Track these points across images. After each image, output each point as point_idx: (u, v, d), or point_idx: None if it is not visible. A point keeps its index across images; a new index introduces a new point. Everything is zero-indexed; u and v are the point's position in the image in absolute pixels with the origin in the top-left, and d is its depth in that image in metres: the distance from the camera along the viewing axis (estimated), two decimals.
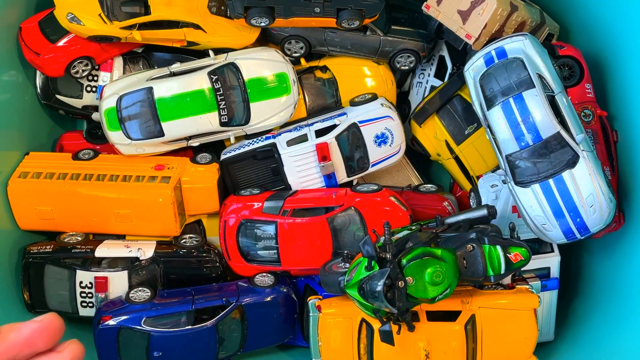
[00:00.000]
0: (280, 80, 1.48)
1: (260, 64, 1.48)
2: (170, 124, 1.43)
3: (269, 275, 1.48)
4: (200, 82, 1.44)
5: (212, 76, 1.43)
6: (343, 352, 1.32)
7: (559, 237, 1.33)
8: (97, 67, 1.55)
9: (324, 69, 1.62)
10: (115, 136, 1.47)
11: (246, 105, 1.45)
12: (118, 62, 1.57)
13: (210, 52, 1.48)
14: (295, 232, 1.43)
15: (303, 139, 1.53)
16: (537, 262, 1.46)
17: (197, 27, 1.46)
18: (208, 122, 1.44)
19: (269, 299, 1.44)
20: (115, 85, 1.49)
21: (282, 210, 1.44)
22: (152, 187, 1.46)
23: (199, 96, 1.43)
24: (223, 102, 1.43)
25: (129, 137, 1.41)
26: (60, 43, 1.48)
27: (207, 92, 1.43)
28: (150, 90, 1.42)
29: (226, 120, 1.44)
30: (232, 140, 1.51)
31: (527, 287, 1.37)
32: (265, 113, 1.48)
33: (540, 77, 1.31)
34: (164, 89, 1.44)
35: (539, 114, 1.28)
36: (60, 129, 1.69)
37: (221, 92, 1.43)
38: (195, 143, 1.50)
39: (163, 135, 1.43)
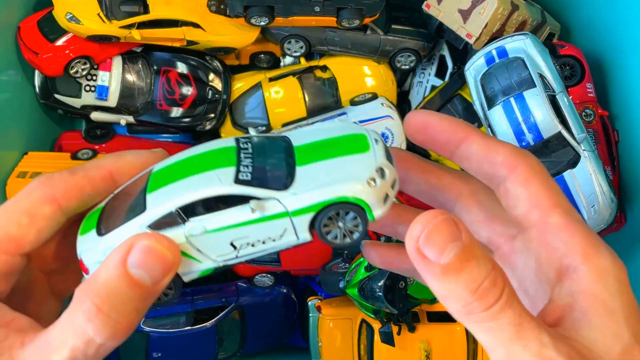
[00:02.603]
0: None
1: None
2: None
3: (269, 275, 1.48)
4: None
5: None
6: (343, 352, 1.32)
7: None
8: (96, 67, 1.54)
9: (324, 68, 1.61)
10: None
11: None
12: (117, 62, 1.56)
13: (251, 130, 1.37)
14: None
15: None
16: None
17: (196, 25, 1.46)
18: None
19: (268, 299, 1.43)
20: None
21: None
22: None
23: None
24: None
25: None
26: (59, 42, 1.47)
27: None
28: None
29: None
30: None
31: None
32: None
33: (541, 76, 1.30)
34: None
35: (540, 114, 1.27)
36: (59, 129, 1.68)
37: None
38: None
39: None
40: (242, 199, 0.49)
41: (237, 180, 0.49)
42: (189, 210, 0.50)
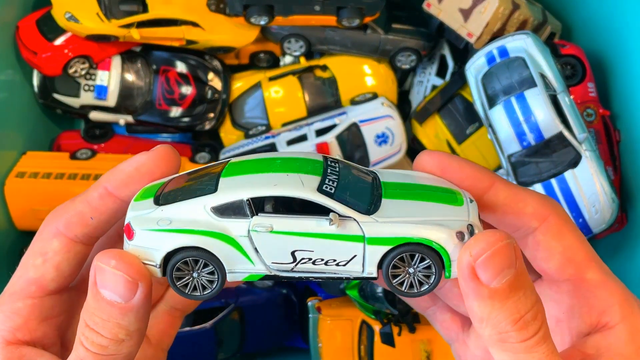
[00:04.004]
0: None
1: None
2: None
3: None
4: None
5: None
6: (343, 353, 1.32)
7: None
8: (95, 66, 1.53)
9: (324, 67, 1.61)
10: None
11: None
12: (116, 61, 1.56)
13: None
14: None
15: (303, 138, 1.52)
16: None
17: (195, 25, 1.45)
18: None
19: (268, 300, 1.43)
20: None
21: None
22: None
23: None
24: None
25: None
26: (58, 42, 1.47)
27: None
28: None
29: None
30: None
31: None
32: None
33: (543, 76, 1.29)
34: None
35: (541, 113, 1.27)
36: (58, 129, 1.68)
37: None
38: None
39: None
40: (319, 211, 0.46)
41: (320, 190, 0.46)
42: (260, 205, 0.47)
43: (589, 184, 1.26)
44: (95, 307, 0.46)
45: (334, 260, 0.47)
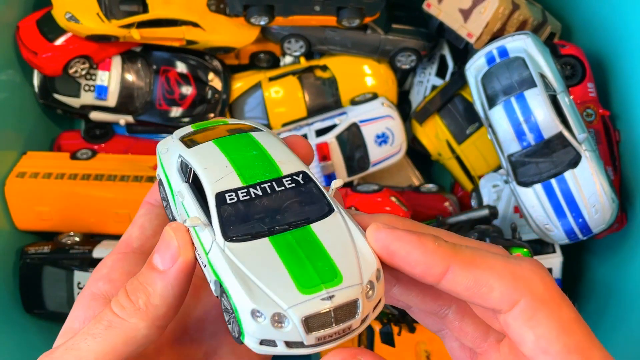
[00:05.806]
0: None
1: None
2: None
3: None
4: None
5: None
6: None
7: (561, 237, 1.32)
8: (95, 67, 1.54)
9: (324, 67, 1.61)
10: None
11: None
12: (116, 61, 1.56)
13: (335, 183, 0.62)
14: None
15: None
16: None
17: (196, 25, 1.45)
18: None
19: None
20: None
21: None
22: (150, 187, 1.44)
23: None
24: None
25: None
26: (58, 42, 1.47)
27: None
28: None
29: None
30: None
31: None
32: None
33: (542, 76, 1.30)
34: None
35: (541, 114, 1.27)
36: (58, 129, 1.68)
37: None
38: None
39: None
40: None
41: (219, 195, 0.48)
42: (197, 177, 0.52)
43: (588, 184, 1.27)
44: (142, 272, 0.49)
45: (199, 255, 0.49)
